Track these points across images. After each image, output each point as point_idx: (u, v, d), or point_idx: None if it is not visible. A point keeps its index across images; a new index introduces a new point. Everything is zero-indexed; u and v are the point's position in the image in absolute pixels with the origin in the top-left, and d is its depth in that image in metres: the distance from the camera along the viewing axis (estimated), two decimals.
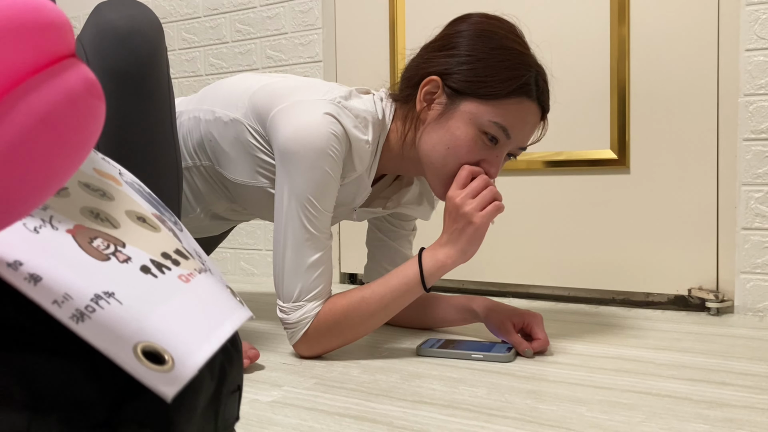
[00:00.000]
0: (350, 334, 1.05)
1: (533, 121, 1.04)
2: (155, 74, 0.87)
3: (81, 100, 0.31)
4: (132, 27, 0.84)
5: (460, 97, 1.02)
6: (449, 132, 1.03)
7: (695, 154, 1.50)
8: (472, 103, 1.01)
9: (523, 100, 1.01)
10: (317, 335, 1.03)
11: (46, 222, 0.38)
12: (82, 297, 0.34)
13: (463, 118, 1.02)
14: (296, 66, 1.98)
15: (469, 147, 1.02)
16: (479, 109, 1.01)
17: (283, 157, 1.00)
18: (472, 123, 1.01)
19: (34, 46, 0.29)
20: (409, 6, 1.80)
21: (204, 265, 0.49)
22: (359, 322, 1.04)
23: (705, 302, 1.47)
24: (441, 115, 1.04)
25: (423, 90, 1.05)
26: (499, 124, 1.01)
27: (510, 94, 1.00)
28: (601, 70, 1.58)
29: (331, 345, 1.06)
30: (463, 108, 1.02)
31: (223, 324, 0.41)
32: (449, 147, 1.03)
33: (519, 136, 1.04)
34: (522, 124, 1.03)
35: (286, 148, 0.99)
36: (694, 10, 1.48)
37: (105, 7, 0.86)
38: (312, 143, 0.98)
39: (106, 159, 0.53)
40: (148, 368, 0.33)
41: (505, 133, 1.01)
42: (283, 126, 1.00)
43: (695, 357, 1.07)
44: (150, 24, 0.86)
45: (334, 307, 1.03)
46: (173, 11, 2.19)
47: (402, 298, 1.04)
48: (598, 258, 1.61)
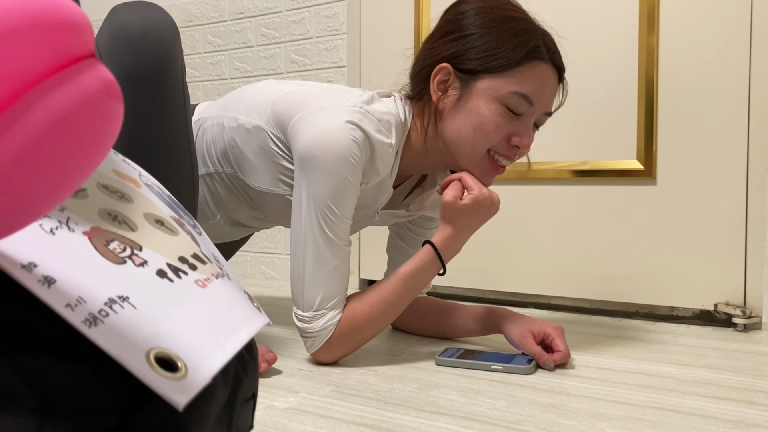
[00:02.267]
0: (371, 335, 1.07)
1: (552, 83, 1.04)
2: (170, 77, 0.87)
3: (98, 102, 0.30)
4: (147, 30, 0.84)
5: (473, 77, 1.02)
6: (472, 113, 1.02)
7: (724, 165, 1.47)
8: (487, 80, 1.01)
9: (537, 63, 1.01)
10: (340, 341, 1.03)
11: (62, 223, 0.38)
12: (96, 301, 0.34)
13: (482, 96, 1.01)
14: (320, 71, 1.98)
15: (496, 123, 1.01)
16: (495, 83, 1.00)
17: (302, 164, 1.00)
18: (493, 98, 1.01)
19: (53, 45, 0.29)
20: (435, 11, 1.79)
21: (222, 270, 0.48)
22: (380, 323, 1.07)
23: (731, 318, 1.44)
24: (459, 100, 1.03)
25: (435, 80, 1.04)
26: (520, 93, 1.00)
27: (522, 60, 0.99)
28: (628, 79, 1.55)
29: (352, 348, 1.06)
30: (479, 87, 1.01)
31: (238, 330, 0.40)
32: (475, 127, 1.02)
33: (542, 101, 1.03)
34: (542, 88, 1.02)
35: (306, 154, 0.99)
36: (725, 17, 1.45)
37: (121, 9, 0.86)
38: (332, 149, 0.98)
39: (126, 160, 0.53)
40: (161, 375, 0.33)
41: (528, 100, 1.01)
42: (303, 132, 1.00)
43: (721, 374, 1.04)
44: (165, 27, 0.86)
45: (355, 314, 1.03)
46: (200, 14, 2.20)
47: (418, 290, 1.09)
48: (622, 270, 1.58)
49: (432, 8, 1.79)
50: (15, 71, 0.28)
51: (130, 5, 0.86)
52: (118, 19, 0.84)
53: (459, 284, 1.78)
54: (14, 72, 0.28)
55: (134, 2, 0.87)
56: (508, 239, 1.71)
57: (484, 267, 1.74)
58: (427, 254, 1.07)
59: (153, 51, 0.84)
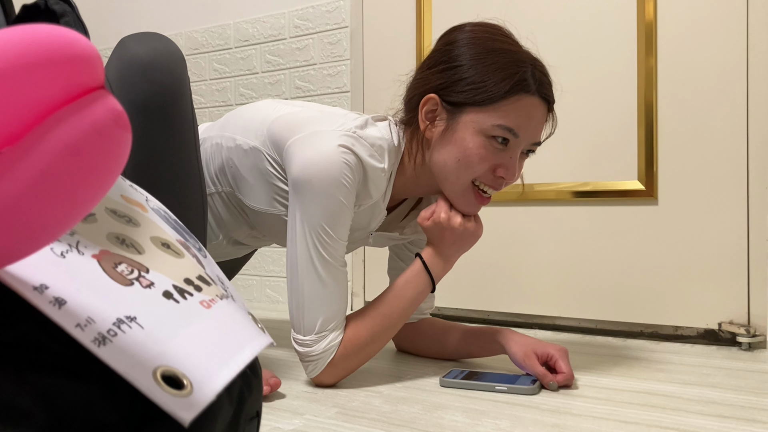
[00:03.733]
0: (373, 352, 1.09)
1: (538, 115, 1.04)
2: (179, 106, 0.89)
3: (108, 131, 0.32)
4: (155, 60, 0.86)
5: (459, 109, 1.03)
6: (457, 145, 1.03)
7: (725, 185, 1.48)
8: (472, 113, 1.02)
9: (523, 96, 1.01)
10: (344, 361, 1.04)
11: (72, 247, 0.39)
12: (105, 321, 0.35)
13: (467, 129, 1.03)
14: (324, 96, 2.01)
15: (480, 155, 1.02)
16: (480, 117, 1.01)
17: (296, 187, 1.01)
18: (477, 131, 1.02)
19: (65, 78, 0.30)
20: (436, 35, 1.81)
21: (226, 292, 0.49)
22: (382, 339, 1.08)
23: (736, 337, 1.44)
24: (445, 131, 1.05)
25: (423, 110, 1.06)
26: (504, 126, 1.01)
27: (507, 93, 1.00)
28: (628, 100, 1.57)
29: (355, 368, 1.08)
30: (464, 119, 1.03)
31: (242, 350, 0.41)
32: (459, 159, 1.03)
33: (528, 133, 1.04)
34: (527, 120, 1.02)
35: (299, 178, 1.00)
36: (723, 39, 1.47)
37: (129, 40, 0.88)
38: (325, 172, 0.99)
39: (133, 186, 0.55)
40: (167, 392, 0.34)
41: (512, 132, 1.02)
42: (297, 156, 1.02)
43: (725, 393, 1.04)
44: (173, 57, 0.88)
45: (359, 332, 1.05)
46: (205, 42, 2.24)
47: (416, 303, 1.11)
48: (625, 290, 1.58)
49: (433, 35, 1.82)
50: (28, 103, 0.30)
51: (138, 37, 0.88)
52: (127, 50, 0.86)
53: (463, 305, 1.78)
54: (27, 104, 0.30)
55: (142, 34, 0.89)
56: (512, 260, 1.71)
57: (487, 288, 1.75)
58: (417, 265, 1.11)
59: (163, 81, 0.86)
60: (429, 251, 1.11)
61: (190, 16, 2.29)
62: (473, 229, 1.10)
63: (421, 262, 1.10)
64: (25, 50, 0.29)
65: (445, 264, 1.11)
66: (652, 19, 1.54)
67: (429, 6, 1.83)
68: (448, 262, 1.11)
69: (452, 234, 1.08)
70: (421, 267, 1.10)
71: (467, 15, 1.75)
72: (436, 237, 1.10)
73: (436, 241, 1.10)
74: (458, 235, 1.09)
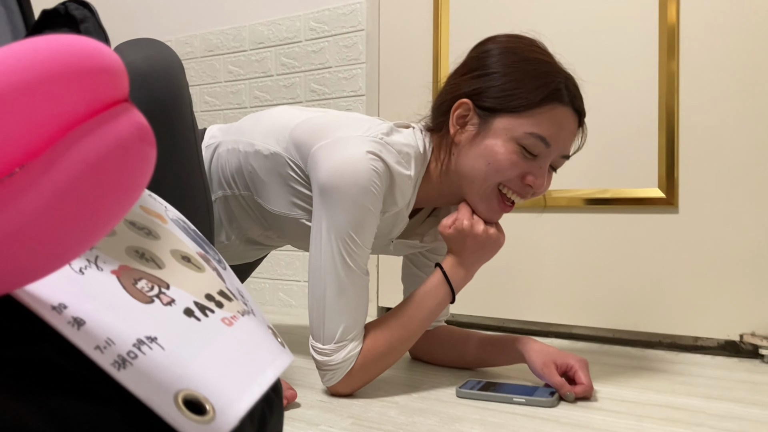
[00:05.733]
0: (391, 363, 1.07)
1: (570, 126, 1.03)
2: (178, 114, 0.86)
3: (132, 147, 0.30)
4: (151, 68, 0.83)
5: (492, 115, 1.02)
6: (488, 149, 1.02)
7: (748, 193, 1.45)
8: (505, 119, 1.01)
9: (556, 106, 1.00)
10: (362, 372, 1.03)
11: (91, 263, 0.38)
12: (125, 342, 0.34)
13: (498, 135, 1.01)
14: (339, 99, 1.99)
15: (511, 161, 1.01)
16: (513, 123, 1.00)
17: (323, 193, 1.00)
18: (510, 138, 1.01)
19: (88, 91, 0.29)
20: (453, 39, 1.80)
21: (247, 306, 0.48)
22: (400, 350, 1.07)
23: (758, 349, 1.41)
24: (476, 136, 1.04)
25: (455, 114, 1.05)
26: (537, 135, 1.00)
27: (541, 102, 1.00)
28: (649, 106, 1.55)
29: (372, 378, 1.06)
30: (497, 125, 1.02)
31: (265, 371, 0.40)
32: (489, 163, 1.02)
33: (559, 144, 1.03)
34: (559, 131, 1.02)
35: (326, 184, 0.99)
36: (747, 43, 1.45)
37: (124, 48, 0.85)
38: (353, 179, 0.98)
39: (152, 195, 0.53)
40: (189, 419, 0.33)
41: (544, 142, 1.01)
42: (324, 162, 1.00)
43: (749, 408, 1.02)
44: (169, 63, 0.86)
45: (377, 343, 1.03)
46: (220, 44, 2.23)
47: (435, 314, 1.09)
48: (644, 299, 1.56)
49: (450, 38, 1.80)
50: (50, 116, 0.29)
51: (133, 43, 0.86)
52: (122, 58, 0.84)
53: (478, 313, 1.76)
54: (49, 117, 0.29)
55: (136, 40, 0.87)
56: (529, 268, 1.69)
57: (504, 295, 1.72)
58: (437, 275, 1.09)
59: (160, 88, 0.84)
60: (449, 261, 1.09)
61: (205, 18, 2.28)
62: (495, 236, 1.07)
63: (442, 273, 1.08)
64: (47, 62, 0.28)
65: (466, 274, 1.09)
66: (674, 22, 1.51)
67: (446, 9, 1.81)
68: (468, 272, 1.09)
69: (474, 241, 1.06)
70: (441, 278, 1.08)
71: (484, 19, 1.74)
72: (457, 245, 1.08)
73: (457, 250, 1.08)
74: (480, 243, 1.07)
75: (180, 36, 2.32)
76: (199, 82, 2.28)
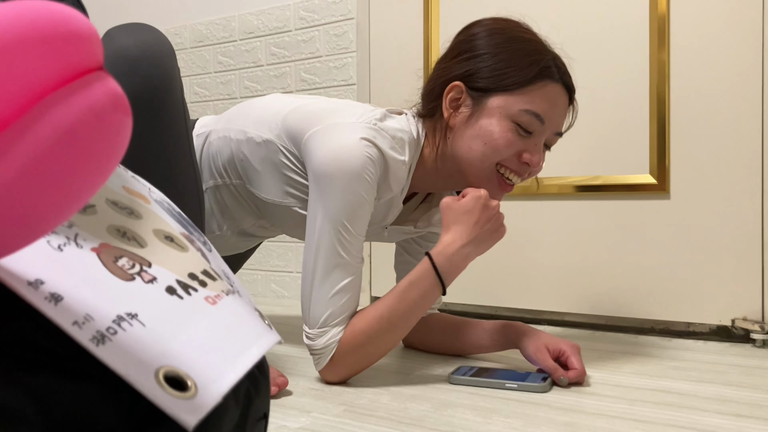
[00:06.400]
0: (375, 354, 1.03)
1: (562, 103, 1.05)
2: (169, 99, 0.86)
3: (107, 115, 0.30)
4: (144, 52, 0.82)
5: (485, 95, 1.02)
6: (483, 129, 1.02)
7: (738, 179, 1.45)
8: (498, 97, 1.01)
9: (548, 82, 1.02)
10: (343, 359, 1.01)
11: (70, 240, 0.37)
12: (104, 318, 0.33)
13: (493, 113, 1.02)
14: (330, 89, 1.98)
15: (507, 139, 1.01)
16: (507, 101, 1.01)
17: (317, 180, 0.99)
18: (504, 116, 1.01)
19: (61, 58, 0.28)
20: (444, 29, 1.79)
21: (232, 287, 0.47)
22: (382, 342, 1.02)
23: (749, 333, 1.41)
24: (470, 117, 1.04)
25: (447, 98, 1.05)
26: (531, 111, 1.01)
27: (533, 79, 1.00)
28: (640, 93, 1.54)
29: (357, 368, 1.03)
30: (491, 104, 1.02)
31: (249, 348, 0.39)
32: (486, 142, 1.02)
33: (552, 121, 1.04)
34: (553, 108, 1.03)
35: (321, 171, 0.98)
36: (737, 31, 1.44)
37: (116, 32, 0.84)
38: (347, 166, 0.97)
39: (135, 177, 0.53)
40: (170, 395, 0.32)
41: (539, 119, 1.01)
42: (318, 148, 1.00)
43: (741, 391, 1.02)
44: (161, 49, 0.85)
45: (355, 330, 1.00)
46: (210, 35, 2.22)
47: (421, 307, 1.02)
48: (637, 285, 1.56)
49: (441, 26, 1.79)
50: (21, 84, 0.28)
51: (124, 28, 0.85)
52: (113, 42, 0.83)
53: (471, 301, 1.76)
54: (20, 85, 0.28)
55: (128, 25, 0.86)
56: (521, 255, 1.69)
57: (496, 283, 1.72)
58: (424, 265, 1.02)
59: (152, 72, 0.83)
60: (445, 243, 1.01)
61: (194, 9, 2.26)
62: (502, 220, 1.04)
63: (429, 261, 1.01)
64: (16, 27, 0.27)
65: (461, 262, 1.01)
66: (665, 12, 1.51)
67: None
68: (469, 254, 1.01)
69: (486, 213, 1.01)
70: (428, 267, 1.01)
71: (475, 6, 1.73)
72: (465, 217, 1.01)
73: (463, 223, 1.01)
74: (491, 218, 1.02)
75: (169, 27, 2.30)
76: (189, 72, 2.26)
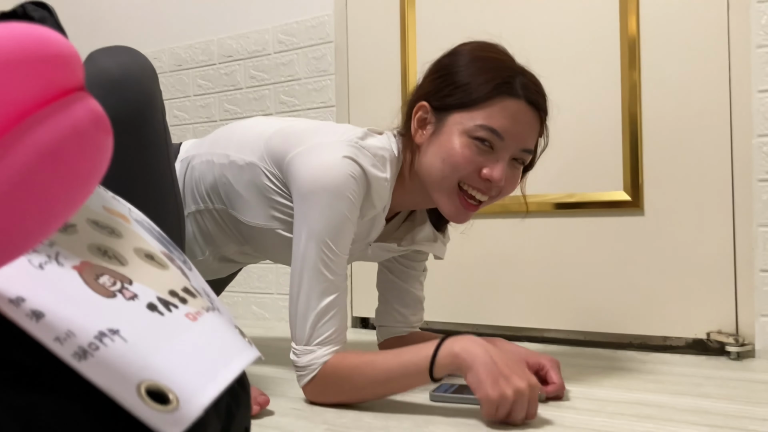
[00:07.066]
0: (352, 393, 1.01)
1: (525, 120, 1.02)
2: (150, 121, 0.86)
3: (88, 134, 0.30)
4: (125, 74, 0.83)
5: (446, 112, 1.04)
6: (443, 146, 1.03)
7: (710, 195, 1.48)
8: (457, 114, 1.02)
9: (506, 99, 1.00)
10: (322, 384, 1.00)
11: (51, 258, 0.38)
12: (86, 334, 0.34)
13: (451, 130, 1.03)
14: (309, 111, 2.00)
15: (464, 155, 1.01)
16: (465, 117, 1.02)
17: (301, 199, 1.00)
18: (462, 132, 1.02)
19: (42, 78, 0.29)
20: (420, 49, 1.82)
21: (212, 305, 0.48)
22: (362, 385, 0.99)
23: (725, 346, 1.43)
24: (433, 134, 1.05)
25: (416, 117, 1.07)
26: (487, 126, 1.00)
27: (491, 94, 1.00)
28: (613, 113, 1.58)
29: (334, 398, 1.02)
30: (450, 121, 1.03)
31: (230, 363, 0.40)
32: (444, 159, 1.03)
33: (513, 137, 1.01)
34: (512, 124, 1.01)
35: (304, 190, 0.99)
36: (705, 53, 1.49)
37: (98, 54, 0.85)
38: (330, 185, 0.98)
39: (116, 198, 0.53)
40: (152, 408, 0.32)
41: (496, 134, 1.00)
42: (301, 168, 1.01)
43: (716, 402, 1.03)
44: (143, 71, 0.86)
45: (342, 363, 0.99)
46: (189, 58, 2.23)
47: (407, 378, 0.98)
48: (613, 301, 1.58)
49: (417, 48, 1.82)
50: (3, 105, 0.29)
51: (106, 50, 0.86)
52: (95, 64, 0.84)
53: (451, 319, 1.77)
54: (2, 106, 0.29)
55: (110, 47, 0.87)
56: (499, 273, 1.70)
57: (476, 301, 1.73)
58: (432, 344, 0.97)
59: (133, 95, 0.83)
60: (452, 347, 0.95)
61: (173, 33, 2.28)
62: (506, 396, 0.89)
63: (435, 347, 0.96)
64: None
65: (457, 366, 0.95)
66: (635, 33, 1.55)
67: (413, 20, 1.83)
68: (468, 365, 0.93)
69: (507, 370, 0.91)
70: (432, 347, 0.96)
71: (451, 28, 1.76)
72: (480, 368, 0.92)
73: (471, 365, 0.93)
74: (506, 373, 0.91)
75: (148, 51, 2.30)
76: (169, 96, 2.26)
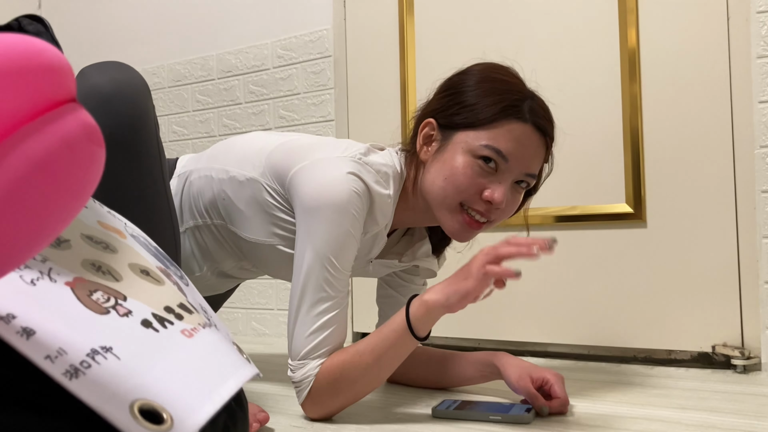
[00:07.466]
0: (350, 391, 1.00)
1: (531, 143, 1.02)
2: (143, 136, 0.86)
3: (80, 146, 0.30)
4: (117, 90, 0.82)
5: (452, 130, 1.03)
6: (446, 164, 1.03)
7: (713, 207, 1.47)
8: (464, 133, 1.02)
9: (514, 121, 1.00)
10: (319, 394, 0.99)
11: (44, 274, 0.37)
12: (78, 352, 0.33)
13: (456, 148, 1.02)
14: (309, 125, 2.00)
15: (466, 174, 1.00)
16: (470, 136, 1.01)
17: (305, 215, 0.99)
18: (466, 151, 1.01)
19: (33, 90, 0.28)
20: (420, 64, 1.82)
21: (209, 320, 0.47)
22: (356, 377, 0.99)
23: (730, 359, 1.42)
24: (438, 152, 1.05)
25: (422, 134, 1.06)
26: (492, 147, 0.99)
27: (498, 116, 1.00)
28: (614, 126, 1.57)
29: (333, 405, 1.01)
30: (456, 139, 1.02)
31: (227, 381, 0.39)
32: (446, 177, 1.02)
33: (518, 160, 1.01)
34: (517, 146, 1.00)
35: (308, 206, 0.99)
36: (705, 64, 1.48)
37: (89, 70, 0.85)
38: (334, 201, 0.97)
39: (111, 212, 0.52)
40: (145, 428, 0.31)
41: (500, 155, 0.99)
42: (304, 184, 1.00)
43: (724, 417, 1.02)
44: (135, 86, 0.85)
45: (332, 364, 0.98)
46: (188, 74, 2.23)
47: (394, 348, 0.99)
48: (617, 315, 1.57)
49: (416, 63, 1.82)
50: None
51: (98, 66, 0.85)
52: (87, 80, 0.83)
53: (454, 334, 1.75)
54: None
55: (102, 63, 0.86)
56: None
57: (478, 316, 1.72)
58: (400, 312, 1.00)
59: (125, 110, 0.83)
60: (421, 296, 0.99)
61: (172, 49, 2.28)
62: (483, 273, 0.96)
63: (406, 307, 0.99)
64: None
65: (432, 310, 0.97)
66: (635, 46, 1.55)
67: (412, 34, 1.84)
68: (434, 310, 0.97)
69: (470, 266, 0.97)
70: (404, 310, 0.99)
71: (450, 42, 1.76)
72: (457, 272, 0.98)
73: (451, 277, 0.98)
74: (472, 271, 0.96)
75: (147, 67, 2.31)
76: (168, 111, 2.27)
